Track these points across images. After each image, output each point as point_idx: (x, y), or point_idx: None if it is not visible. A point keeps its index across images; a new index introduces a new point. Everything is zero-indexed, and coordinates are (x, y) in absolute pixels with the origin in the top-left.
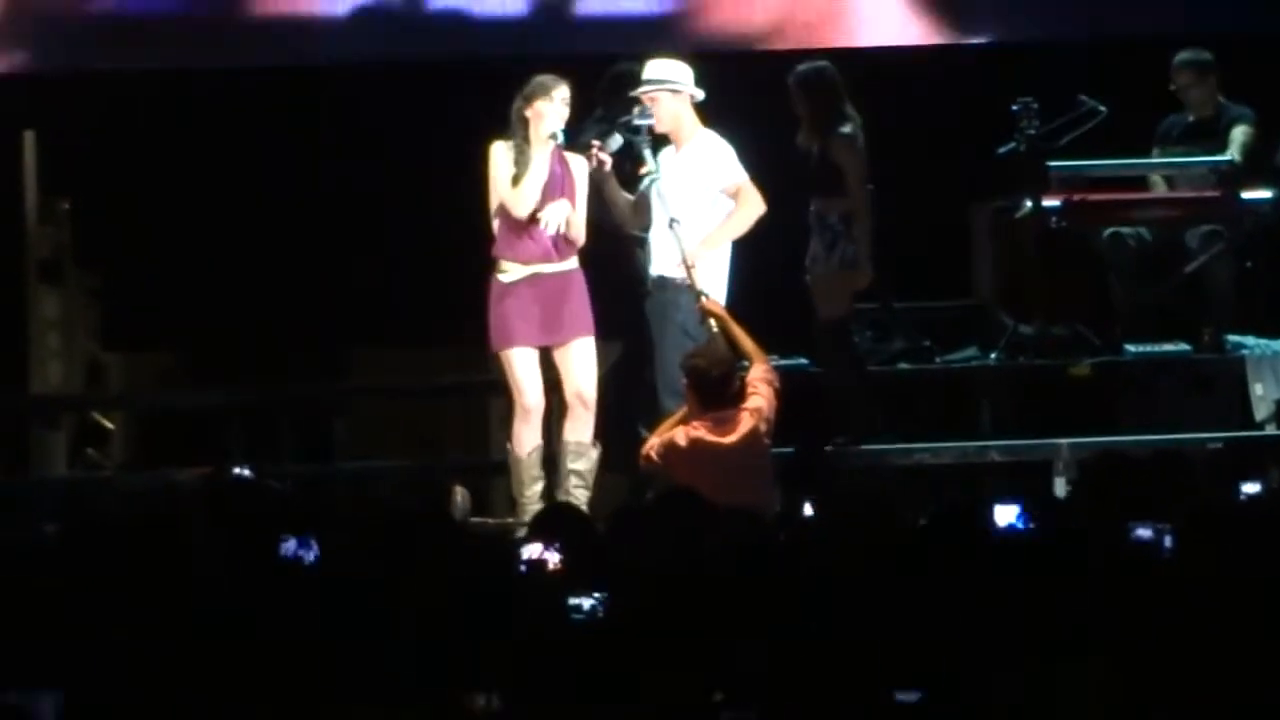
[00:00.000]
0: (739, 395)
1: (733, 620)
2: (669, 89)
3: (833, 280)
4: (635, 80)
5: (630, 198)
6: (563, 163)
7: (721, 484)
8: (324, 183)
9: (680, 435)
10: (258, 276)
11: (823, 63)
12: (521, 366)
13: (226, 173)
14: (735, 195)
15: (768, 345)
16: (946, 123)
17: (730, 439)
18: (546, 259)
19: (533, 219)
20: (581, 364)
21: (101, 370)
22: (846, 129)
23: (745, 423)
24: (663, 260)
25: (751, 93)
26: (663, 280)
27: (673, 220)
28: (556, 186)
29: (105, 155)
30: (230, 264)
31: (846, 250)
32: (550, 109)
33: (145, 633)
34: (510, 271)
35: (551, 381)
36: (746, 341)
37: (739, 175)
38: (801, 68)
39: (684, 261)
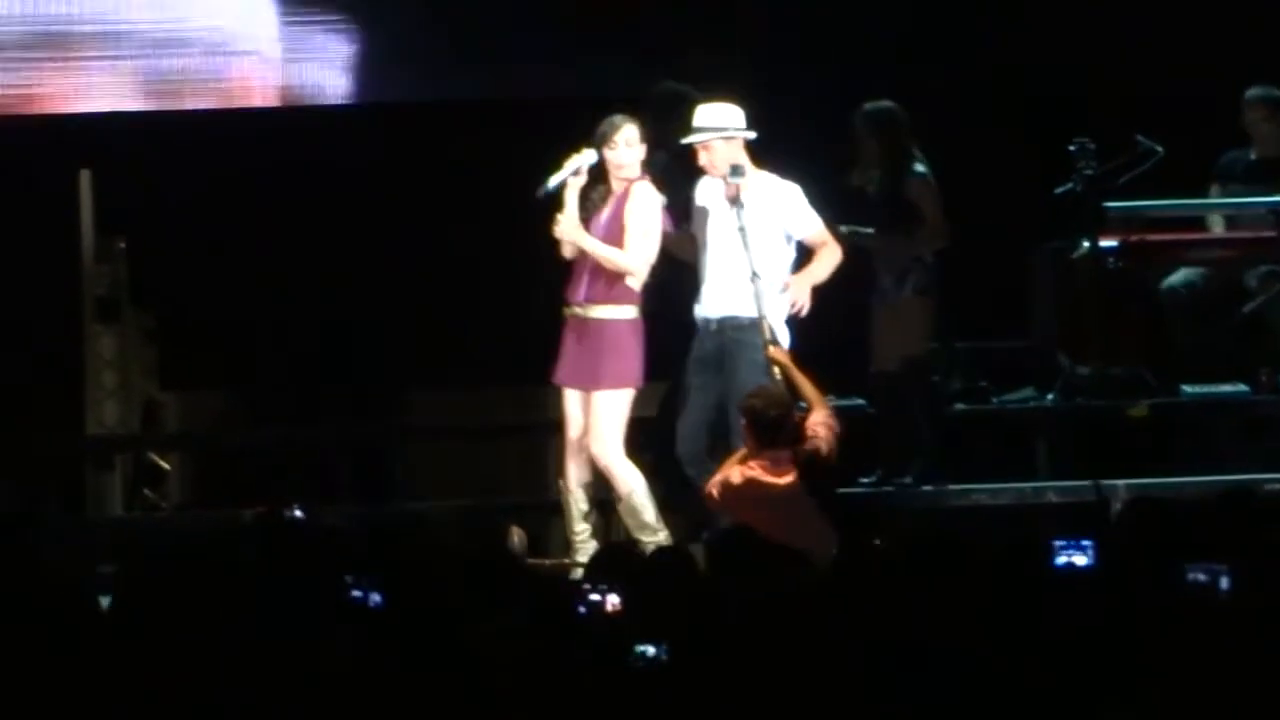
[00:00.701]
0: (796, 437)
1: (804, 666)
2: (721, 136)
3: (907, 309)
4: (681, 99)
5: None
6: (621, 202)
7: (775, 524)
8: (382, 221)
9: (736, 474)
10: (315, 315)
11: (888, 102)
12: (564, 402)
13: (283, 211)
14: (818, 242)
15: (824, 387)
16: (1005, 163)
17: (785, 480)
18: (576, 301)
19: (573, 259)
20: (586, 413)
21: (158, 410)
22: (921, 168)
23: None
24: (732, 301)
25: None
26: (735, 321)
27: (754, 274)
28: (602, 227)
29: (161, 194)
30: (287, 302)
31: (920, 279)
32: (615, 156)
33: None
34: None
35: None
36: (808, 388)
37: (817, 222)
38: (869, 106)
39: (760, 314)
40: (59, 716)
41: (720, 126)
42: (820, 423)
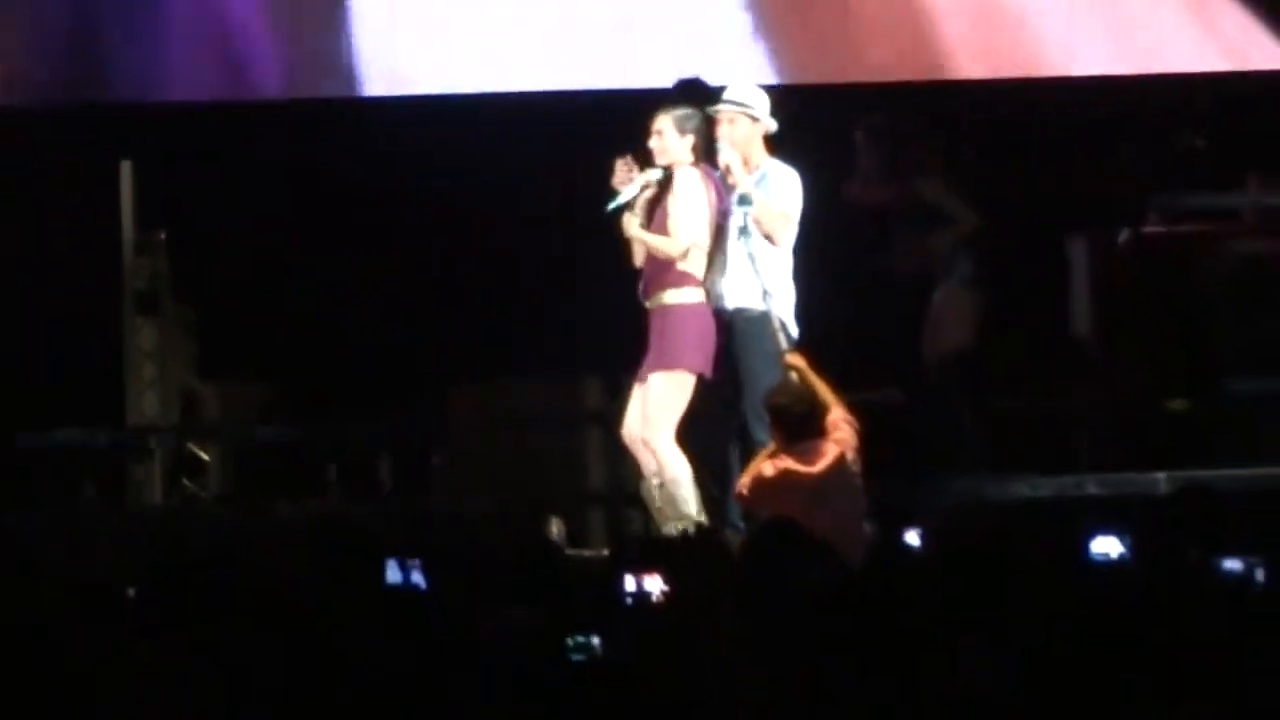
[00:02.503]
0: (822, 431)
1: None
2: (749, 114)
3: (955, 298)
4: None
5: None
6: (666, 189)
7: (812, 513)
8: (425, 213)
9: (768, 467)
10: (354, 307)
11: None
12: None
13: (324, 203)
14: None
15: (860, 377)
16: (1045, 154)
17: (818, 467)
18: (646, 296)
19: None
20: (638, 404)
21: (197, 401)
22: (932, 173)
23: (831, 452)
24: (741, 292)
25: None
26: (743, 312)
27: (766, 293)
28: (650, 217)
29: (202, 186)
30: (327, 295)
31: (965, 268)
32: (653, 144)
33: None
34: None
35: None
36: (825, 389)
37: (786, 204)
38: (874, 119)
39: (776, 324)
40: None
41: (746, 103)
42: (840, 419)
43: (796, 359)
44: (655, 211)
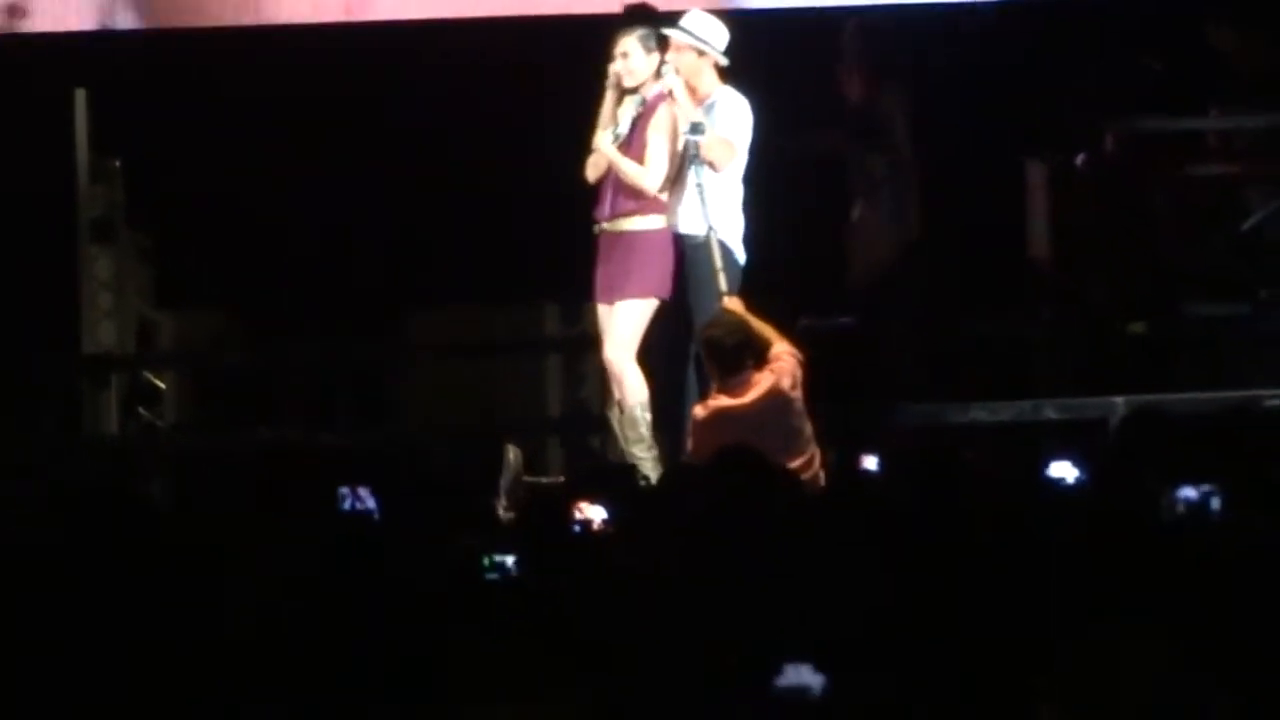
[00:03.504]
0: (757, 364)
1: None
2: (697, 46)
3: (879, 234)
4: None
5: None
6: (645, 113)
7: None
8: (381, 139)
9: (699, 409)
10: (311, 235)
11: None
12: (602, 320)
13: (280, 130)
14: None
15: (811, 304)
16: (1001, 77)
17: (748, 398)
18: (604, 218)
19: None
20: (609, 328)
21: (153, 330)
22: (895, 82)
23: (763, 382)
24: (691, 219)
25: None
26: (693, 239)
27: (710, 229)
28: (627, 142)
29: (157, 114)
30: (283, 222)
31: (890, 204)
32: (615, 68)
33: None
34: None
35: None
36: (766, 329)
37: (731, 131)
38: (859, 19)
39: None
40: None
41: (697, 36)
42: (785, 351)
43: (734, 302)
44: (631, 136)
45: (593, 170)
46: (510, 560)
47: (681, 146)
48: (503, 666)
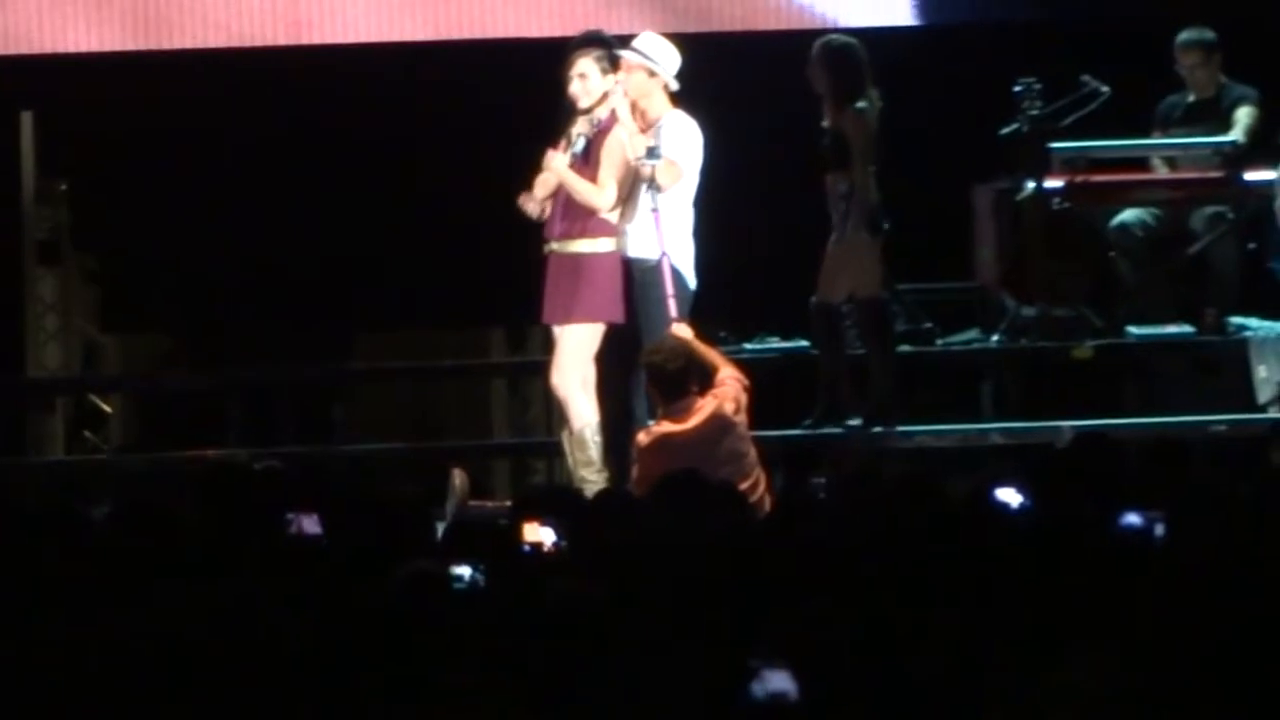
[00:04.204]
0: (701, 389)
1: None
2: (648, 67)
3: (845, 252)
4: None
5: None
6: (599, 134)
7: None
8: (326, 162)
9: (642, 436)
10: (257, 257)
11: (851, 39)
12: (555, 341)
13: (225, 154)
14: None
15: (769, 327)
16: (948, 103)
17: (691, 423)
18: (554, 238)
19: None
20: (557, 351)
21: (99, 352)
22: (860, 104)
23: (707, 407)
24: (642, 243)
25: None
26: (643, 263)
27: (663, 253)
28: (581, 162)
29: (103, 136)
30: (229, 245)
31: (860, 217)
32: (571, 89)
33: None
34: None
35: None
36: (712, 354)
37: (678, 153)
38: (827, 39)
39: (678, 275)
40: None
41: (648, 56)
42: (730, 376)
43: (683, 328)
44: (585, 156)
45: (541, 189)
46: (467, 572)
47: (635, 170)
48: (457, 687)
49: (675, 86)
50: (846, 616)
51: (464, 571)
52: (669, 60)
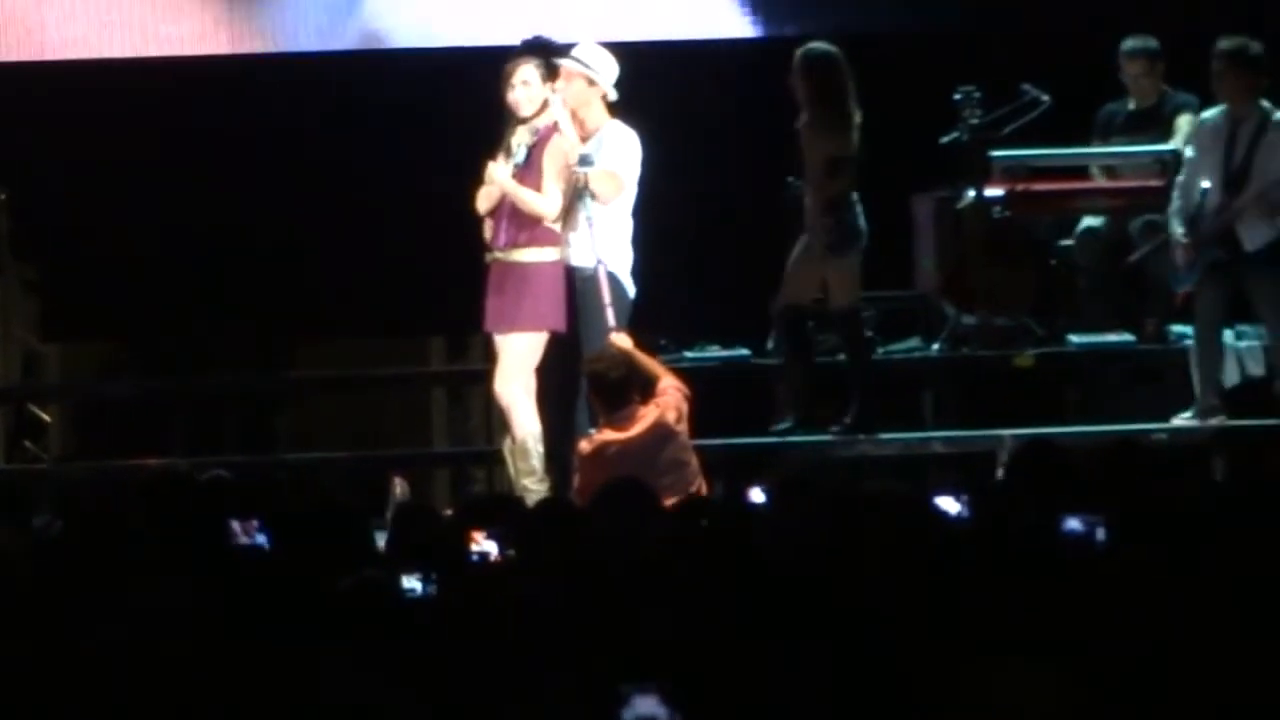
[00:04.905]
0: (643, 398)
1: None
2: (587, 75)
3: (820, 262)
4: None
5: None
6: (540, 142)
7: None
8: (265, 171)
9: (584, 444)
10: (198, 266)
11: (831, 48)
12: (497, 350)
13: (164, 162)
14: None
15: (711, 335)
16: (888, 112)
17: (633, 432)
18: (498, 247)
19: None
20: (499, 359)
21: (38, 361)
22: (831, 114)
23: (648, 416)
24: (578, 252)
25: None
26: (581, 272)
27: (599, 261)
28: (524, 171)
29: (41, 146)
30: (169, 254)
31: (826, 238)
32: (514, 96)
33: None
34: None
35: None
36: (652, 364)
37: (616, 164)
38: (807, 48)
39: (619, 283)
40: None
41: (587, 65)
42: (672, 385)
43: (622, 337)
44: (528, 165)
45: (484, 201)
46: (418, 583)
47: (571, 178)
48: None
49: (614, 96)
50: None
51: (414, 584)
52: (608, 69)
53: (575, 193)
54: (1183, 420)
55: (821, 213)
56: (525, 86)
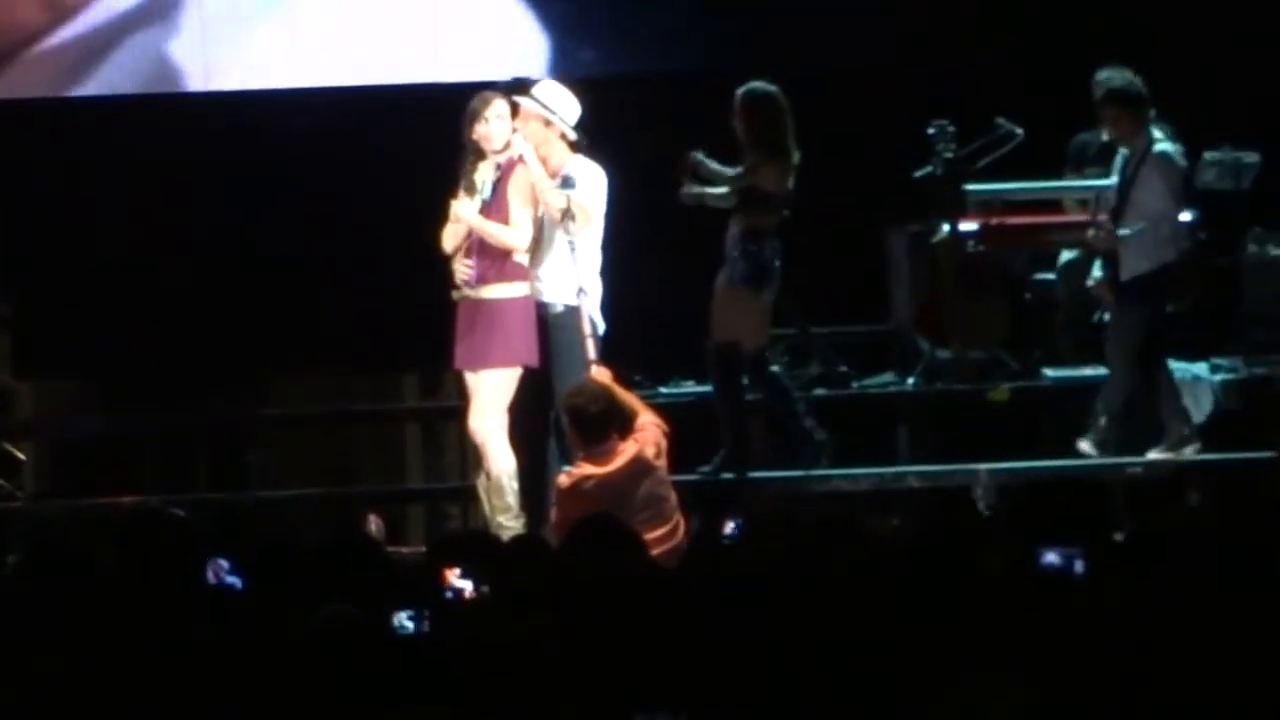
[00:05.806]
0: (621, 433)
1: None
2: (543, 116)
3: (726, 298)
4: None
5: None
6: (504, 175)
7: (618, 511)
8: (239, 209)
9: (563, 478)
10: (170, 304)
11: (771, 88)
12: (467, 387)
13: (139, 200)
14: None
15: (682, 370)
16: (862, 146)
17: (612, 466)
18: (469, 285)
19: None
20: (472, 397)
21: (12, 399)
22: (769, 152)
23: (627, 451)
24: (554, 289)
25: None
26: (551, 307)
27: (581, 290)
28: (490, 206)
29: (16, 182)
30: (143, 292)
31: (738, 269)
32: (487, 130)
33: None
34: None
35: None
36: (630, 399)
37: (586, 198)
38: (749, 88)
39: (590, 318)
40: None
41: (546, 105)
42: (650, 422)
43: (602, 372)
44: (494, 199)
45: (450, 240)
46: (408, 620)
47: (544, 212)
48: None
49: (573, 136)
50: (760, 659)
51: (406, 621)
52: (567, 109)
53: (559, 218)
54: (1156, 454)
55: (733, 244)
56: (500, 120)
